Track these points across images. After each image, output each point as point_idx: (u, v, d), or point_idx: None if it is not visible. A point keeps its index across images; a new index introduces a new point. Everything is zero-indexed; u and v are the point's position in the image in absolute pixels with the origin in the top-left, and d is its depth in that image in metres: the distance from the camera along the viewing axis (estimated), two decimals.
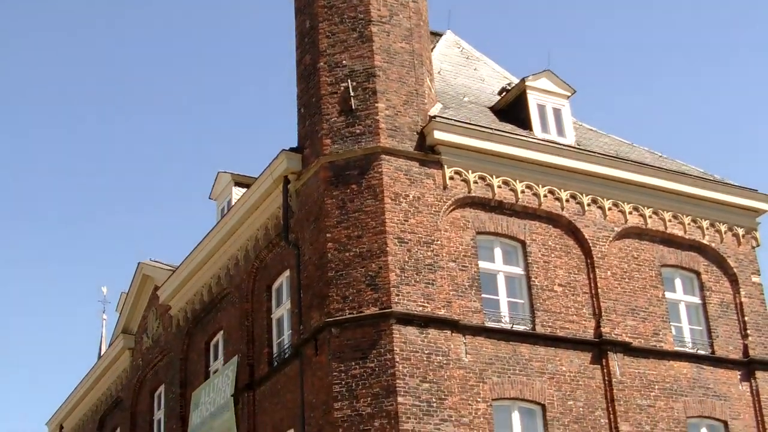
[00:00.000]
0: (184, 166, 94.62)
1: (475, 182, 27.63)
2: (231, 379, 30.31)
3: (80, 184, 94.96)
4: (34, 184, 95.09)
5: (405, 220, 26.07)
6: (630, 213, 29.78)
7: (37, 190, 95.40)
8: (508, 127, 29.41)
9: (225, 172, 35.45)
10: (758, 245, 32.07)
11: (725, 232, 31.46)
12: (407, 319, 25.09)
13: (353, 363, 24.91)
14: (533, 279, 27.53)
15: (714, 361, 29.64)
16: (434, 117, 27.66)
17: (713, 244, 31.11)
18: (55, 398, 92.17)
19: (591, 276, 28.33)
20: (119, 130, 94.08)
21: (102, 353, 44.32)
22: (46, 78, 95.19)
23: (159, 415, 37.08)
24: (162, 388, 36.73)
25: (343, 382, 24.82)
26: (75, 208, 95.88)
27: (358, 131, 26.96)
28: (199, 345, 33.79)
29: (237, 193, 34.25)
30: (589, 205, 29.14)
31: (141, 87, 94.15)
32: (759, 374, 30.03)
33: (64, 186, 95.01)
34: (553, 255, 28.17)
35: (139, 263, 38.67)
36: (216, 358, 32.90)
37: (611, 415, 26.98)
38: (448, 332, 25.51)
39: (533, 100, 30.35)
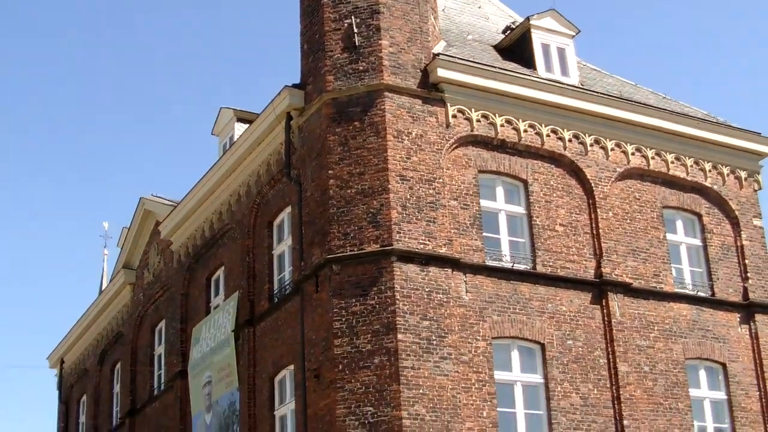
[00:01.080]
0: (187, 102, 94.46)
1: (478, 121, 27.55)
2: (231, 315, 30.41)
3: (83, 118, 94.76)
4: (36, 120, 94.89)
5: (407, 158, 26.02)
6: (632, 154, 29.72)
7: (39, 125, 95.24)
8: (512, 65, 29.29)
9: (227, 108, 35.37)
10: (760, 188, 32.04)
11: (727, 175, 31.42)
12: (408, 257, 25.11)
13: (354, 300, 24.97)
14: (534, 218, 27.53)
15: (714, 303, 29.71)
16: (438, 55, 27.53)
17: (715, 187, 31.08)
18: (56, 333, 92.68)
19: (592, 216, 28.33)
20: (122, 66, 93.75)
21: (103, 288, 44.39)
22: (46, 16, 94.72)
23: (159, 350, 37.23)
24: (162, 324, 36.86)
25: (344, 319, 24.89)
26: (77, 144, 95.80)
27: (361, 68, 26.84)
28: (199, 280, 33.86)
29: (239, 129, 34.20)
30: (591, 145, 29.08)
31: (143, 23, 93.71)
32: (758, 317, 30.11)
33: (67, 120, 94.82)
34: (554, 195, 28.14)
35: (140, 198, 38.67)
36: (217, 293, 32.98)
37: (610, 356, 27.08)
38: (449, 270, 25.54)
39: (537, 39, 30.23)
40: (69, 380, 47.66)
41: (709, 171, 31.10)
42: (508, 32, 31.42)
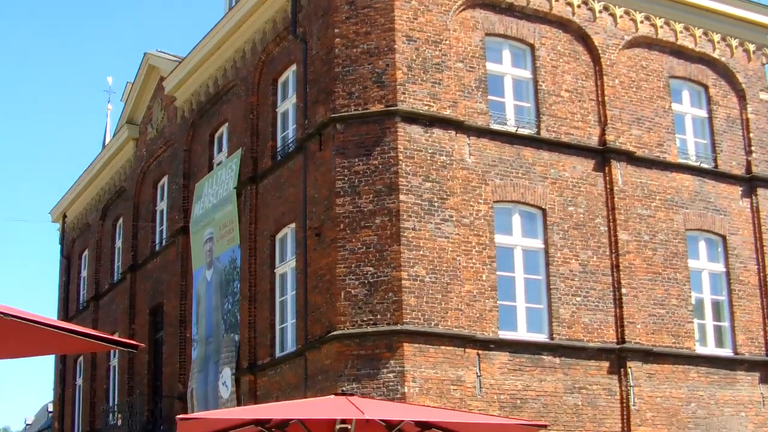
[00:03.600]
0: None
1: None
2: (234, 172, 30.43)
3: None
4: None
5: (414, 18, 25.77)
6: (641, 22, 29.43)
7: None
8: None
9: None
10: None
11: (736, 47, 31.17)
12: (412, 118, 25.03)
13: (357, 159, 24.95)
14: (540, 83, 27.37)
15: (716, 175, 29.71)
16: None
17: (723, 59, 30.85)
18: (59, 187, 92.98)
19: (598, 83, 28.16)
20: None
21: (106, 143, 44.39)
22: None
23: (162, 205, 37.35)
24: (165, 179, 36.94)
25: (346, 178, 24.91)
26: None
27: None
28: (203, 137, 33.84)
29: None
30: (600, 11, 28.77)
31: None
32: (760, 191, 30.14)
33: None
34: (561, 60, 27.94)
35: (145, 54, 38.40)
36: (220, 150, 32.97)
37: (611, 223, 27.15)
38: (453, 132, 25.48)
39: None
40: (71, 235, 47.94)
41: (718, 42, 30.84)
42: None
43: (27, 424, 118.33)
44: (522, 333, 25.61)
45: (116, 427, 36.00)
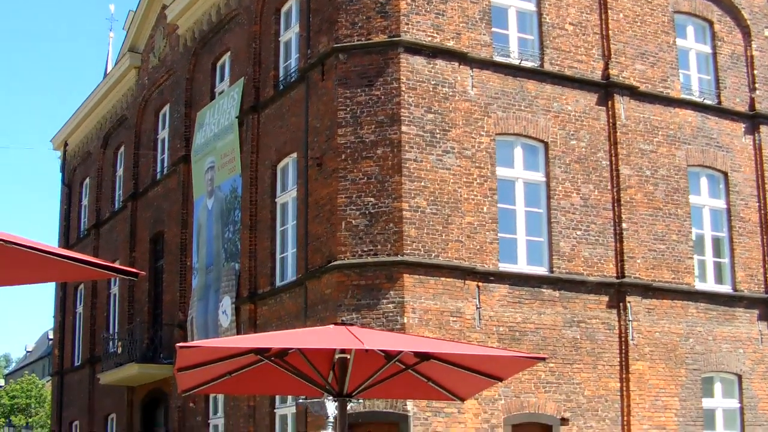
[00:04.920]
0: None
1: None
2: (236, 101, 30.35)
3: None
4: None
5: None
6: None
7: None
8: None
9: None
10: None
11: None
12: (415, 49, 24.90)
13: (359, 90, 24.86)
14: (545, 15, 27.16)
15: (720, 111, 29.59)
16: None
17: None
18: (60, 116, 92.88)
19: (603, 17, 27.94)
20: None
21: (108, 72, 44.22)
22: None
23: (163, 134, 37.29)
24: (167, 108, 36.83)
25: (348, 109, 24.83)
26: None
27: None
28: (205, 65, 33.69)
29: None
30: None
31: None
32: (763, 128, 30.03)
33: None
34: None
35: None
36: (222, 79, 32.85)
37: (613, 158, 27.10)
38: (456, 64, 25.35)
39: None
40: (72, 163, 47.90)
41: None
42: None
43: (27, 351, 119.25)
44: (522, 266, 25.67)
45: (116, 355, 36.18)
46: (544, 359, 11.35)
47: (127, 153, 40.36)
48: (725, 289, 28.70)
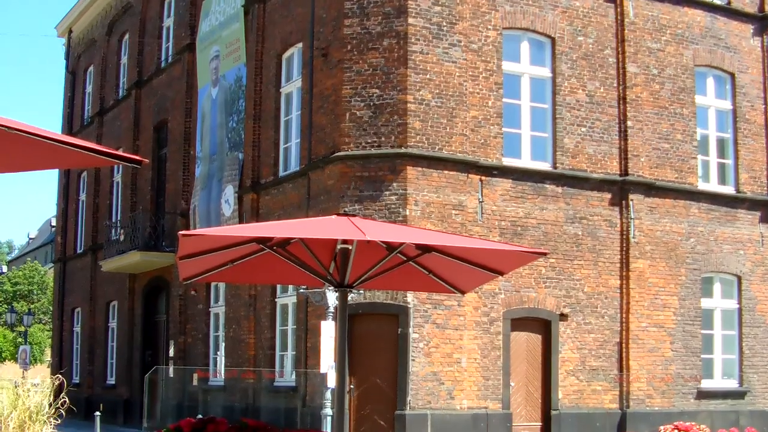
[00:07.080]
0: None
1: None
2: None
3: None
4: None
5: None
6: None
7: None
8: None
9: None
10: None
11: None
12: None
13: None
14: None
15: (729, 12, 29.29)
16: None
17: None
18: (64, 2, 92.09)
19: None
20: None
21: None
22: None
23: (168, 22, 36.97)
24: None
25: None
26: None
27: None
28: None
29: None
30: None
31: None
32: None
33: None
34: None
35: None
36: None
37: (620, 55, 26.91)
38: None
39: None
40: (77, 50, 47.57)
41: None
42: None
43: (30, 238, 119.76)
44: (526, 161, 25.65)
45: (118, 243, 36.35)
46: (545, 254, 11.36)
47: (131, 40, 40.09)
48: (728, 190, 28.69)
